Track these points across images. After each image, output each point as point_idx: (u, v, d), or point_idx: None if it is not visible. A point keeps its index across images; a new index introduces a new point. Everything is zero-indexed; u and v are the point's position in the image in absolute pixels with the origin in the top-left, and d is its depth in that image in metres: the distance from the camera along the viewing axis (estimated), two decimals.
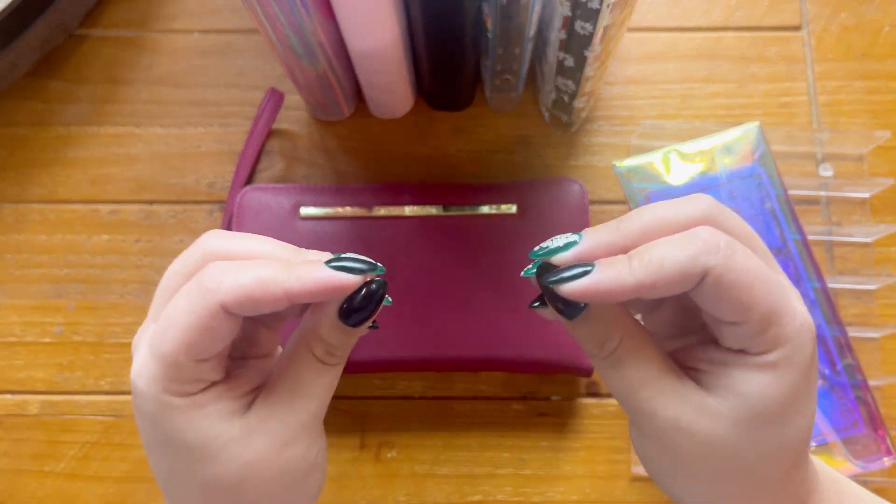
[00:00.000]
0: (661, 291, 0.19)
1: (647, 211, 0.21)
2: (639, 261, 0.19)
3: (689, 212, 0.20)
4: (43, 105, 0.46)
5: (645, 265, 0.19)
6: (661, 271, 0.19)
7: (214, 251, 0.21)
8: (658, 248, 0.19)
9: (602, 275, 0.19)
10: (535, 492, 0.39)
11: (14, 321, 0.42)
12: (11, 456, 0.40)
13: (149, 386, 0.20)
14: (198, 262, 0.21)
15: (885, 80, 0.45)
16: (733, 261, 0.19)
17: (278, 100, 0.44)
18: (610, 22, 0.33)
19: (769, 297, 0.19)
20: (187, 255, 0.21)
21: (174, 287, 0.21)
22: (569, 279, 0.20)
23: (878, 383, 0.39)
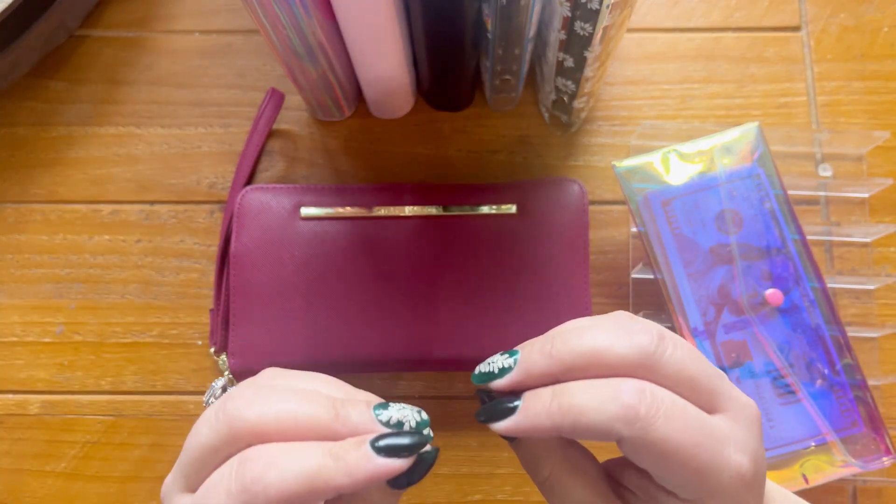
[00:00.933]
0: (580, 437, 0.20)
1: (582, 337, 0.20)
2: (558, 405, 0.19)
3: (623, 352, 0.20)
4: (44, 105, 0.46)
5: (563, 412, 0.19)
6: (577, 424, 0.19)
7: (246, 426, 0.19)
8: (578, 395, 0.19)
9: (522, 417, 0.20)
10: (535, 491, 0.39)
11: (15, 321, 0.42)
12: (12, 455, 0.40)
13: None
14: (228, 438, 0.19)
15: (884, 81, 0.45)
16: (653, 430, 0.19)
17: (279, 100, 0.44)
18: (609, 22, 0.33)
19: (695, 460, 0.19)
20: (218, 426, 0.19)
21: (205, 461, 0.19)
22: (495, 418, 0.21)
23: (877, 383, 0.39)
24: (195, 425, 0.20)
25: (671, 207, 0.38)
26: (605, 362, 0.20)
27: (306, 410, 0.19)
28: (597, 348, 0.20)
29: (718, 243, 0.38)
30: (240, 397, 0.19)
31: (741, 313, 0.37)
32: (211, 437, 0.19)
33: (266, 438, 0.19)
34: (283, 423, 0.19)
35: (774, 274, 0.38)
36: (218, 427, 0.19)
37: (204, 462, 0.19)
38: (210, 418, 0.19)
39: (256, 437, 0.19)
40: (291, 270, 0.39)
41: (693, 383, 0.20)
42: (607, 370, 0.20)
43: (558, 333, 0.21)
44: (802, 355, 0.37)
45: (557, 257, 0.39)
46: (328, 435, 0.19)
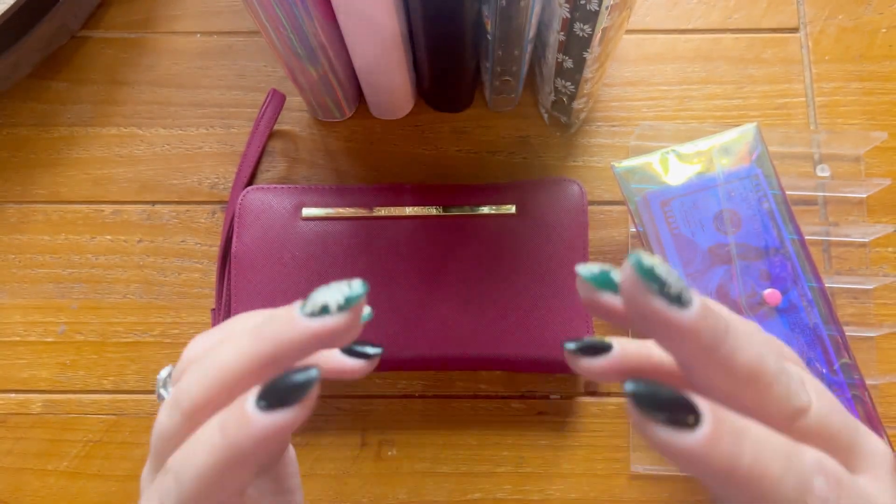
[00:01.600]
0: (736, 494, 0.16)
1: (752, 347, 0.17)
2: (750, 450, 0.16)
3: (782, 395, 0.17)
4: (45, 106, 0.46)
5: (750, 464, 0.15)
6: (756, 484, 0.15)
7: (193, 405, 0.18)
8: (767, 452, 0.16)
9: (713, 438, 0.15)
10: (535, 490, 0.39)
11: (17, 321, 0.42)
12: (14, 454, 0.40)
13: None
14: (182, 421, 0.19)
15: (882, 82, 0.45)
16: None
17: (279, 101, 0.44)
18: (608, 24, 0.33)
19: None
20: (171, 412, 0.19)
21: (167, 449, 0.19)
22: (672, 420, 0.15)
23: (875, 382, 0.39)
24: (157, 416, 0.20)
25: (670, 208, 0.39)
26: (764, 403, 0.17)
27: (240, 362, 0.18)
28: (766, 380, 0.16)
29: (717, 243, 0.38)
30: (183, 380, 0.19)
31: (740, 313, 0.37)
32: (168, 424, 0.19)
33: (217, 405, 0.18)
34: (227, 384, 0.18)
35: (773, 274, 0.38)
36: (171, 413, 0.19)
37: (167, 450, 0.19)
38: (165, 406, 0.19)
39: (207, 411, 0.18)
40: (292, 270, 0.39)
41: (835, 442, 0.18)
42: (761, 410, 0.17)
43: (734, 328, 0.17)
44: (801, 355, 0.37)
45: (557, 257, 0.39)
46: (272, 366, 0.18)
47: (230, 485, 0.17)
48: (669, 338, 0.16)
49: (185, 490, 0.17)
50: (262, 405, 0.16)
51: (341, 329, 0.18)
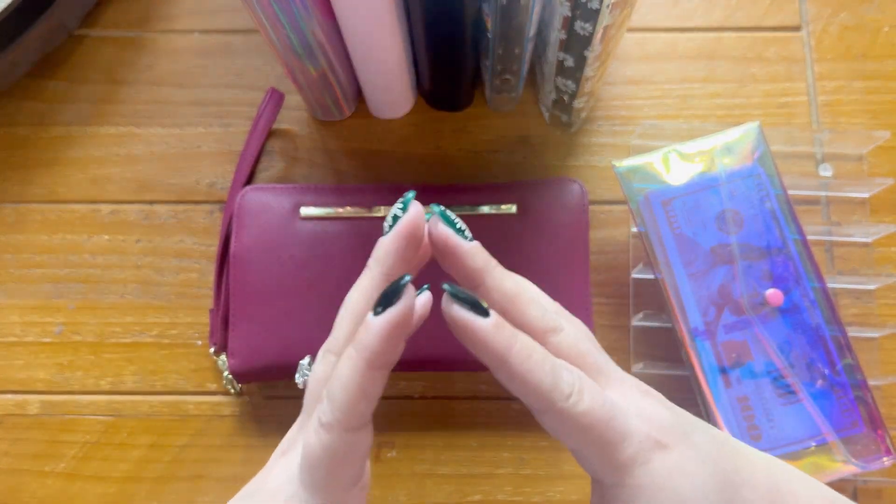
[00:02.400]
0: (513, 384, 0.21)
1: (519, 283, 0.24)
2: (521, 347, 0.21)
3: (538, 315, 0.23)
4: (43, 105, 0.46)
5: (522, 358, 0.21)
6: (527, 374, 0.21)
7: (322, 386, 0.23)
8: (537, 353, 0.21)
9: (493, 327, 0.21)
10: (536, 491, 0.39)
11: (14, 321, 0.42)
12: (12, 456, 0.40)
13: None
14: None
15: (885, 81, 0.45)
16: (580, 404, 0.21)
17: (278, 100, 0.44)
18: (610, 22, 0.33)
19: (610, 430, 0.21)
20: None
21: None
22: (468, 306, 0.21)
23: (878, 383, 0.39)
24: (312, 372, 0.24)
25: (671, 207, 0.38)
26: (525, 319, 0.23)
27: (361, 293, 0.23)
28: (524, 299, 0.23)
29: (719, 243, 0.38)
30: (331, 335, 0.24)
31: (742, 313, 0.37)
32: (322, 369, 0.24)
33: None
34: (359, 316, 0.23)
35: (775, 274, 0.38)
36: (324, 359, 0.24)
37: (322, 391, 0.22)
38: (319, 357, 0.24)
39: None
40: (291, 270, 0.38)
41: (584, 360, 0.23)
42: (525, 327, 0.22)
43: (497, 266, 0.24)
44: (803, 355, 0.37)
45: (557, 257, 0.39)
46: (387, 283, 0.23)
47: (370, 389, 0.20)
48: (454, 259, 0.23)
49: (336, 402, 0.20)
50: (376, 313, 0.20)
51: (412, 221, 0.23)
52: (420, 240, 0.23)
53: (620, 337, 0.41)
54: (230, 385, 0.40)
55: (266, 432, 0.40)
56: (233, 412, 0.40)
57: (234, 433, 0.40)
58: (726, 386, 0.36)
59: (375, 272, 0.23)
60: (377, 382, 0.21)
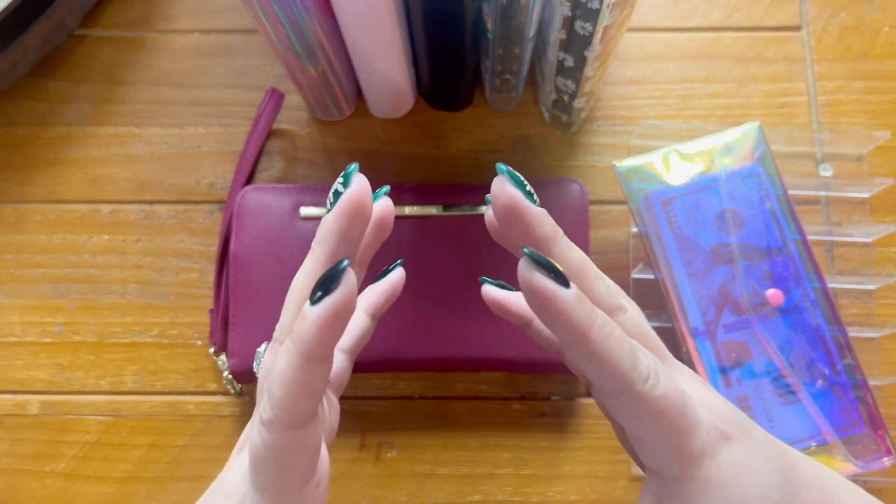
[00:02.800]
0: (590, 369, 0.20)
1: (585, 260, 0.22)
2: (602, 325, 0.20)
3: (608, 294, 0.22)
4: (43, 105, 0.46)
5: (605, 336, 0.19)
6: (608, 353, 0.19)
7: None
8: (618, 332, 0.20)
9: (576, 299, 0.19)
10: (535, 492, 0.39)
11: (14, 321, 0.42)
12: (12, 456, 0.40)
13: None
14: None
15: (885, 81, 0.45)
16: (658, 387, 0.19)
17: (278, 100, 0.44)
18: (610, 22, 0.33)
19: (686, 417, 0.20)
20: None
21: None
22: (552, 275, 0.19)
23: (878, 383, 0.39)
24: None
25: (671, 207, 0.38)
26: (592, 294, 0.22)
27: (306, 276, 0.22)
28: (592, 273, 0.22)
29: (719, 243, 0.38)
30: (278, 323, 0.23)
31: (742, 313, 0.37)
32: (269, 360, 0.23)
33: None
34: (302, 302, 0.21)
35: (775, 274, 0.38)
36: (272, 349, 0.23)
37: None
38: (269, 349, 0.23)
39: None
40: (291, 270, 0.38)
41: (647, 342, 0.22)
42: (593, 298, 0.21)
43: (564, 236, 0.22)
44: (803, 355, 0.37)
45: None
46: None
47: (310, 383, 0.19)
48: (520, 225, 0.21)
49: (275, 398, 0.19)
50: (313, 301, 0.18)
51: (354, 198, 0.21)
52: (366, 217, 0.21)
53: None
54: (230, 385, 0.40)
55: None
56: (233, 412, 0.40)
57: (234, 433, 0.40)
58: (726, 386, 0.36)
59: (318, 255, 0.21)
60: (318, 376, 0.19)
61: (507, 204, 0.21)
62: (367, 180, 0.21)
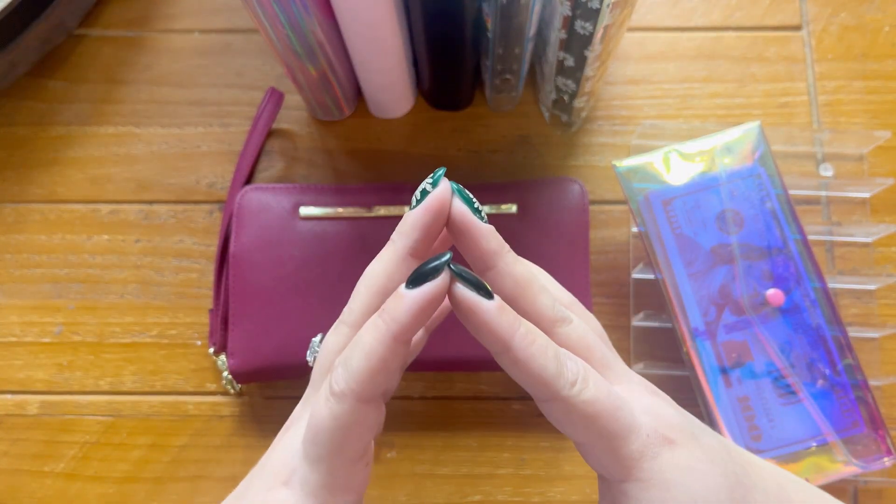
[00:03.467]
0: (517, 372, 0.21)
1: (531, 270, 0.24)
2: (525, 332, 0.20)
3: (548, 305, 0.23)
4: (43, 105, 0.46)
5: (527, 343, 0.20)
6: (530, 360, 0.20)
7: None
8: (540, 339, 0.21)
9: (496, 310, 0.20)
10: (536, 492, 0.39)
11: (14, 321, 0.42)
12: (11, 456, 0.40)
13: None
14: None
15: (885, 80, 0.45)
16: (585, 392, 0.20)
17: (278, 100, 0.43)
18: (610, 21, 0.33)
19: (615, 422, 0.20)
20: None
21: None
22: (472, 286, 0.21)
23: (879, 383, 0.39)
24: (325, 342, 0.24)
25: (672, 207, 0.38)
26: (534, 307, 0.22)
27: (384, 265, 0.23)
28: (535, 287, 0.22)
29: (719, 243, 0.38)
30: (346, 307, 0.23)
31: (742, 313, 0.37)
32: (335, 339, 0.23)
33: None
34: (379, 289, 0.23)
35: (775, 274, 0.37)
36: (337, 330, 0.23)
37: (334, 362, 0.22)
38: (332, 329, 0.24)
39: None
40: (291, 270, 0.38)
41: (591, 354, 0.23)
42: (533, 316, 0.22)
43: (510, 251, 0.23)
44: (803, 355, 0.37)
45: (558, 257, 0.39)
46: (410, 259, 0.22)
47: (391, 363, 0.20)
48: (468, 239, 0.22)
49: (353, 370, 0.20)
50: (410, 286, 0.20)
51: (441, 196, 0.22)
52: (446, 218, 0.22)
53: (621, 337, 0.41)
54: (230, 385, 0.40)
55: (266, 432, 0.40)
56: (232, 412, 0.40)
57: (234, 433, 0.40)
58: (727, 386, 0.36)
59: (399, 245, 0.22)
60: (398, 357, 0.20)
61: (455, 219, 0.22)
62: (451, 186, 0.22)
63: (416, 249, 0.22)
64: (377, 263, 0.23)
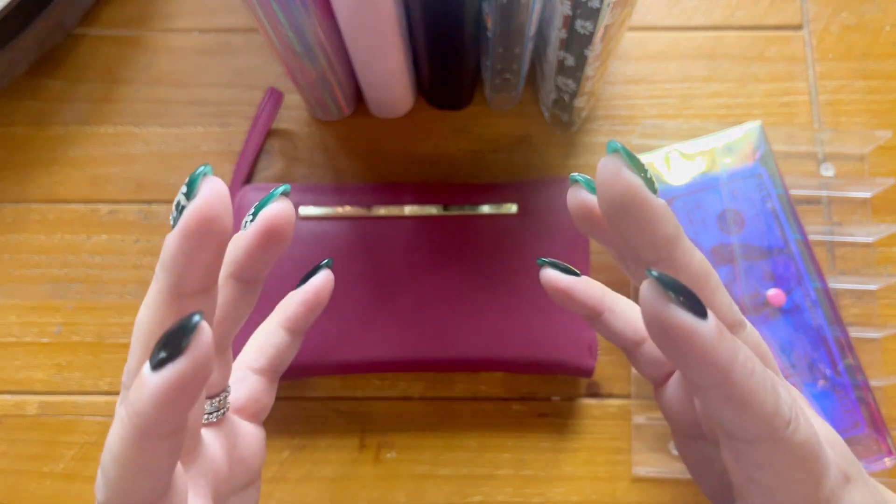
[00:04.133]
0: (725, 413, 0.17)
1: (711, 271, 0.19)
2: (745, 360, 0.16)
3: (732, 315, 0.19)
4: (41, 104, 0.46)
5: (748, 374, 0.16)
6: (748, 396, 0.16)
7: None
8: (760, 367, 0.17)
9: (718, 335, 0.16)
10: (536, 493, 0.39)
11: (13, 321, 0.42)
12: (10, 457, 0.40)
13: None
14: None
15: (886, 80, 0.45)
16: (798, 434, 0.17)
17: (278, 99, 0.43)
18: (610, 21, 0.33)
19: (818, 462, 0.18)
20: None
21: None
22: (687, 305, 0.16)
23: (880, 384, 0.39)
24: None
25: (672, 207, 0.38)
26: (712, 308, 0.18)
27: (149, 314, 0.17)
28: (714, 281, 0.18)
29: (720, 243, 0.38)
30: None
31: (743, 313, 0.37)
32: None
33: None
34: (147, 345, 0.17)
35: (776, 274, 0.37)
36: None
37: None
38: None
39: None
40: (290, 270, 0.38)
41: (768, 364, 0.19)
42: (721, 314, 0.18)
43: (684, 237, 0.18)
44: (804, 356, 0.37)
45: (558, 257, 0.38)
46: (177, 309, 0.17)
47: (151, 463, 0.15)
48: (636, 221, 0.17)
49: (109, 479, 0.16)
50: (153, 364, 0.14)
51: (202, 209, 0.16)
52: (223, 234, 0.16)
53: None
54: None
55: None
56: None
57: None
58: None
59: (163, 285, 0.16)
60: (163, 453, 0.15)
61: (624, 195, 0.16)
62: (222, 185, 0.16)
63: (183, 286, 0.16)
64: (144, 310, 0.17)
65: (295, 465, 0.39)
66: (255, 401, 0.24)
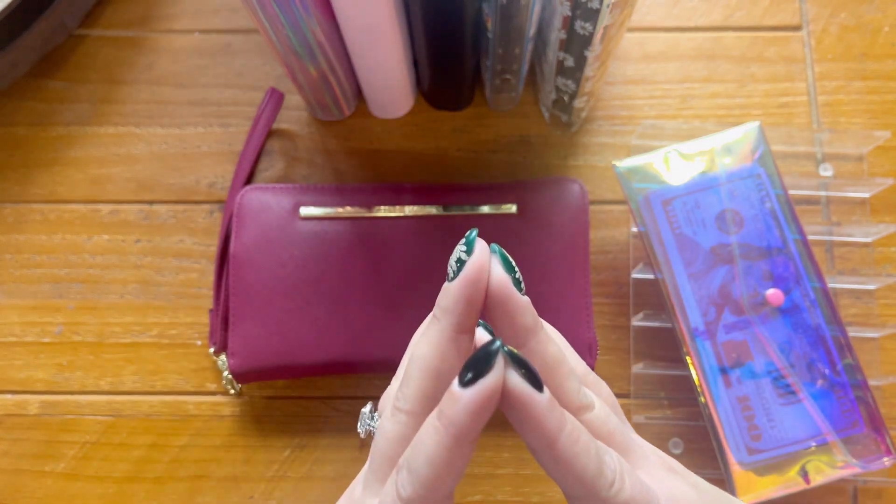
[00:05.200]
0: (551, 466, 0.20)
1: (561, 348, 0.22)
2: (571, 431, 0.19)
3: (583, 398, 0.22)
4: (43, 105, 0.46)
5: (573, 441, 0.19)
6: (574, 459, 0.19)
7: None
8: (584, 437, 0.20)
9: (548, 404, 0.19)
10: (535, 492, 0.39)
11: (14, 321, 0.42)
12: (11, 456, 0.40)
13: None
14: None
15: (885, 81, 0.45)
16: (623, 493, 0.20)
17: (278, 100, 0.44)
18: (610, 22, 0.33)
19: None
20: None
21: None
22: (527, 377, 0.19)
23: (878, 383, 0.39)
24: (379, 428, 0.22)
25: (672, 207, 0.38)
26: (561, 391, 0.21)
27: (432, 345, 0.21)
28: (565, 369, 0.21)
29: (719, 243, 0.38)
30: (398, 388, 0.22)
31: (742, 313, 0.37)
32: (393, 428, 0.22)
33: (433, 399, 0.21)
34: (431, 371, 0.21)
35: (775, 274, 0.37)
36: (395, 418, 0.22)
37: (396, 452, 0.21)
38: (387, 415, 0.22)
39: (427, 405, 0.21)
40: (291, 270, 0.38)
41: (613, 440, 0.22)
42: (559, 400, 0.21)
43: (543, 324, 0.22)
44: (803, 355, 0.37)
45: (558, 257, 0.39)
46: (460, 335, 0.21)
47: (458, 464, 0.19)
48: (503, 311, 0.21)
49: (420, 477, 0.19)
50: (464, 382, 0.18)
51: (480, 265, 0.20)
52: (486, 284, 0.20)
53: (620, 337, 0.41)
54: (230, 385, 0.40)
55: (266, 432, 0.40)
56: (233, 412, 0.40)
57: (234, 433, 0.40)
58: (726, 386, 0.36)
59: (445, 324, 0.20)
60: (466, 456, 0.19)
61: (493, 290, 0.20)
62: (485, 245, 0.21)
63: (463, 325, 0.20)
64: (425, 345, 0.21)
65: (296, 464, 0.39)
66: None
